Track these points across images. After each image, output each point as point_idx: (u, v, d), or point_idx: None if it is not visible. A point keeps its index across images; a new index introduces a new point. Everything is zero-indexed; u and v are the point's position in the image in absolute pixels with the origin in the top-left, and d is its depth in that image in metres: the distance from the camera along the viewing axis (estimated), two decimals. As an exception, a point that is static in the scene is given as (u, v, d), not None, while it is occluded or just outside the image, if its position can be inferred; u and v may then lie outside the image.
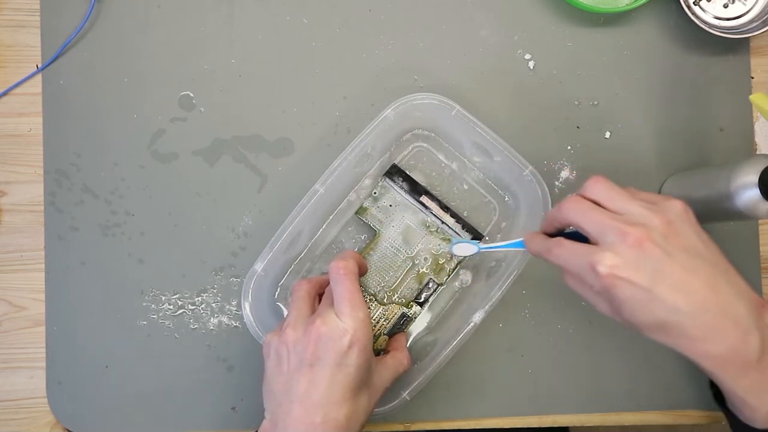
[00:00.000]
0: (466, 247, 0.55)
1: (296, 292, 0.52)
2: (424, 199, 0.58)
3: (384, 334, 0.57)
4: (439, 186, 0.59)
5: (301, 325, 0.49)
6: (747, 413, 0.45)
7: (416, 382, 0.54)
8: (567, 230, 0.47)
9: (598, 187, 0.44)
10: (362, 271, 0.52)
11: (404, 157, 0.59)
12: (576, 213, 0.44)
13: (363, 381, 0.48)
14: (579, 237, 0.45)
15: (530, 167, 0.54)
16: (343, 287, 0.49)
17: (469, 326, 0.54)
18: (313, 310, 0.51)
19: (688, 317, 0.41)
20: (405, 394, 0.54)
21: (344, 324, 0.48)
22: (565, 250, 0.44)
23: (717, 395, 0.48)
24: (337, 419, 0.46)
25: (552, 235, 0.47)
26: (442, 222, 0.58)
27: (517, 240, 0.50)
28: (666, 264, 0.41)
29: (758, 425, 0.45)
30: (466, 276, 0.59)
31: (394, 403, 0.54)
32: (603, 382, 0.60)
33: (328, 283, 0.51)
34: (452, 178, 0.59)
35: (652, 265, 0.41)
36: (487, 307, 0.54)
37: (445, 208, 0.58)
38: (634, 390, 0.60)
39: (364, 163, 0.57)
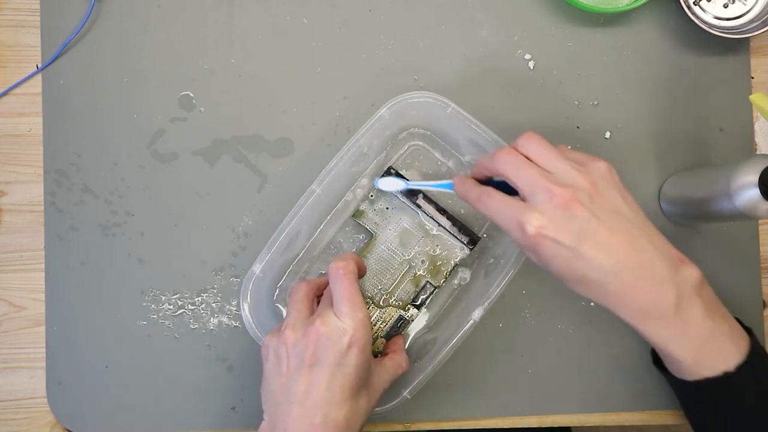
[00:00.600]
0: (392, 182, 0.56)
1: (295, 294, 0.52)
2: (420, 201, 0.58)
3: (381, 337, 0.57)
4: (437, 185, 0.59)
5: (300, 326, 0.49)
6: (675, 367, 0.47)
7: (416, 381, 0.54)
8: (495, 179, 0.49)
9: (531, 143, 0.46)
10: (361, 273, 0.52)
11: (400, 155, 0.59)
12: (508, 166, 0.45)
13: (362, 382, 0.48)
14: (507, 187, 0.46)
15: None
16: (343, 287, 0.49)
17: (469, 324, 0.54)
18: (312, 312, 0.51)
19: (610, 275, 0.43)
20: (405, 393, 0.54)
21: (344, 324, 0.47)
22: (495, 202, 0.46)
23: (656, 360, 0.51)
24: (337, 420, 0.46)
25: (482, 183, 0.49)
26: (439, 224, 0.58)
27: (447, 181, 0.52)
28: (591, 224, 0.43)
29: (688, 377, 0.47)
30: (464, 273, 0.59)
31: (395, 402, 0.54)
32: (603, 382, 0.60)
33: (327, 285, 0.51)
34: (449, 176, 0.59)
35: (577, 225, 0.43)
36: (486, 304, 0.54)
37: (442, 210, 0.58)
38: (633, 390, 0.60)
39: (360, 162, 0.57)
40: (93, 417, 0.58)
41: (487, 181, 0.49)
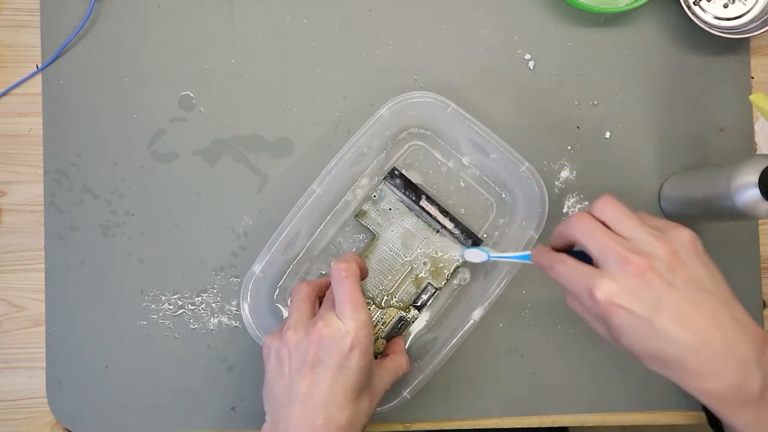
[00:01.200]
0: (476, 254, 0.55)
1: (296, 295, 0.52)
2: (423, 203, 0.58)
3: (381, 338, 0.57)
4: (436, 184, 0.59)
5: (302, 327, 0.49)
6: None
7: (417, 381, 0.54)
8: (575, 249, 0.46)
9: (608, 208, 0.43)
10: (363, 275, 0.52)
11: (400, 155, 0.59)
12: (582, 232, 0.43)
13: (364, 383, 0.48)
14: (587, 256, 0.44)
15: (527, 164, 0.55)
16: (345, 288, 0.49)
17: (469, 324, 0.54)
18: (314, 313, 0.51)
19: (689, 351, 0.40)
20: (406, 393, 0.54)
21: (346, 326, 0.47)
22: (566, 269, 0.44)
23: (711, 419, 0.48)
24: (339, 421, 0.46)
25: (560, 251, 0.46)
26: (442, 226, 0.58)
27: (525, 253, 0.50)
28: (668, 295, 0.40)
29: None
30: (464, 274, 0.59)
31: (395, 402, 0.54)
32: (603, 382, 0.60)
33: (328, 286, 0.51)
34: (449, 176, 0.59)
35: (653, 295, 0.40)
36: (486, 304, 0.54)
37: (444, 212, 0.58)
38: (634, 390, 0.60)
39: (360, 162, 0.57)
40: (93, 417, 0.58)
41: (567, 251, 0.47)
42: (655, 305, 0.40)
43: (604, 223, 0.43)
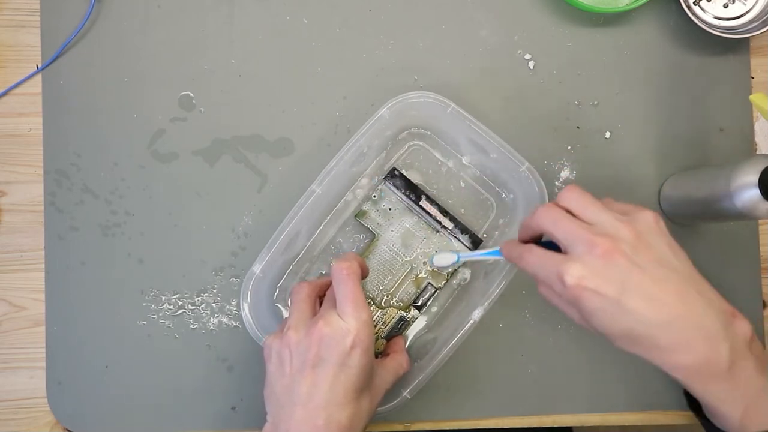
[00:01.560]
0: (445, 257, 0.56)
1: (297, 294, 0.52)
2: (423, 203, 0.58)
3: (382, 338, 0.57)
4: (436, 184, 0.59)
5: (302, 326, 0.49)
6: (720, 421, 0.45)
7: (417, 381, 0.54)
8: (543, 239, 0.48)
9: (571, 196, 0.45)
10: (364, 274, 0.52)
11: (400, 155, 0.59)
12: (547, 221, 0.44)
13: (365, 382, 0.48)
14: (554, 246, 0.45)
15: (526, 163, 0.55)
16: (347, 287, 0.49)
17: (469, 324, 0.54)
18: (314, 312, 0.51)
19: (658, 328, 0.41)
20: (406, 393, 0.54)
21: (347, 325, 0.47)
22: (535, 258, 0.45)
23: (691, 403, 0.48)
24: (340, 421, 0.46)
25: (528, 243, 0.48)
26: (442, 226, 0.58)
27: (495, 249, 0.51)
28: (634, 275, 0.41)
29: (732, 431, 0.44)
30: (464, 273, 0.59)
31: (395, 402, 0.54)
32: (603, 382, 0.60)
33: (329, 286, 0.51)
34: (449, 176, 0.59)
35: (620, 275, 0.41)
36: (486, 304, 0.54)
37: (445, 212, 0.58)
38: (634, 390, 0.60)
39: (360, 162, 0.57)
40: (93, 417, 0.58)
41: (535, 242, 0.48)
42: (623, 285, 0.41)
43: (569, 212, 0.44)
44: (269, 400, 0.49)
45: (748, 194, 0.49)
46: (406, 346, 0.58)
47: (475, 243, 0.58)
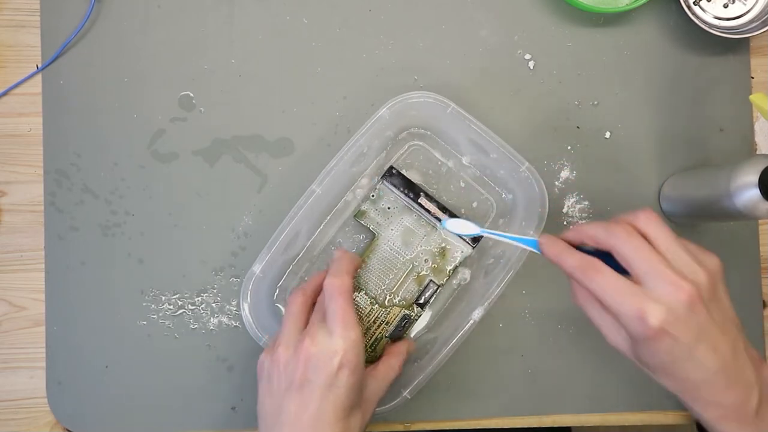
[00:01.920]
0: (463, 225, 0.50)
1: (291, 305, 0.51)
2: (422, 200, 0.58)
3: (386, 337, 0.57)
4: (436, 184, 0.59)
5: (292, 343, 0.49)
6: None
7: (417, 381, 0.54)
8: (586, 246, 0.45)
9: (653, 225, 0.43)
10: (356, 267, 0.52)
11: (400, 155, 0.59)
12: (627, 245, 0.42)
13: (354, 401, 0.48)
14: (601, 256, 0.43)
15: (526, 164, 0.55)
16: (337, 305, 0.48)
17: (469, 324, 0.54)
18: (307, 323, 0.50)
19: (713, 375, 0.42)
20: (406, 393, 0.54)
21: (334, 345, 0.47)
22: (608, 281, 0.42)
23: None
24: None
25: (574, 246, 0.46)
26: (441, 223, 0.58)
27: (530, 237, 0.47)
28: (709, 325, 0.41)
29: None
30: (464, 274, 0.59)
31: (395, 402, 0.54)
32: (603, 382, 0.60)
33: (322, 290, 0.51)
34: (449, 176, 0.59)
35: (697, 324, 0.41)
36: (486, 304, 0.54)
37: (444, 209, 0.58)
38: (634, 390, 0.60)
39: (360, 162, 0.57)
40: (93, 417, 0.58)
41: (577, 248, 0.45)
42: (698, 334, 0.41)
43: (646, 239, 0.43)
44: (260, 418, 0.49)
45: (748, 194, 0.48)
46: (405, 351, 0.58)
47: (475, 239, 0.58)
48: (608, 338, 0.45)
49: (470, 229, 0.50)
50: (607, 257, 0.43)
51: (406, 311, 0.58)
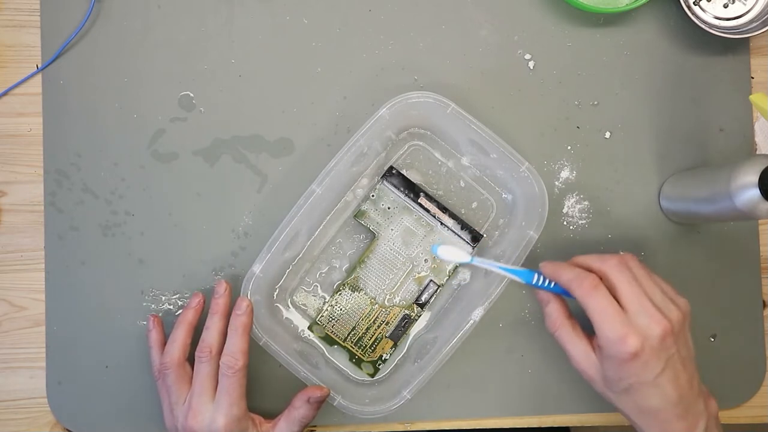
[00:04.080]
0: (453, 252, 0.50)
1: (166, 378, 0.53)
2: (422, 200, 0.58)
3: (386, 337, 0.57)
4: (436, 184, 0.59)
5: (180, 413, 0.52)
6: None
7: (417, 381, 0.54)
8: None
9: (635, 264, 0.49)
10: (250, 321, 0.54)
11: (400, 155, 0.59)
12: (622, 277, 0.48)
13: None
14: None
15: (526, 164, 0.55)
16: (228, 383, 0.51)
17: (469, 324, 0.54)
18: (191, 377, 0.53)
19: (670, 405, 0.47)
20: (405, 393, 0.54)
21: (215, 424, 0.51)
22: (602, 301, 0.47)
23: None
24: None
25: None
26: (441, 223, 0.58)
27: (523, 269, 0.50)
28: (674, 358, 0.47)
29: None
30: (464, 274, 0.59)
31: (395, 402, 0.54)
32: (603, 382, 0.60)
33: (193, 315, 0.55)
34: (449, 176, 0.59)
35: (666, 356, 0.46)
36: (486, 304, 0.54)
37: (444, 209, 0.58)
38: (634, 390, 0.60)
39: (360, 162, 0.57)
40: (93, 417, 0.58)
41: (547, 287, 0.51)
42: (664, 365, 0.46)
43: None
44: None
45: (748, 194, 0.48)
46: (407, 346, 0.58)
47: (475, 239, 0.58)
48: (576, 361, 0.50)
49: (460, 257, 0.50)
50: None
51: (406, 311, 0.58)
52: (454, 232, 0.58)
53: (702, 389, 0.49)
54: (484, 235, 0.58)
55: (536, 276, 0.50)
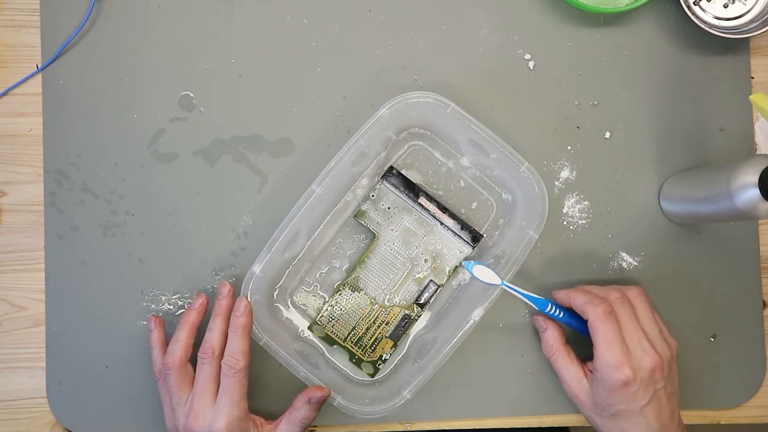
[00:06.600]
0: (487, 274, 0.53)
1: (168, 378, 0.53)
2: (422, 200, 0.58)
3: (386, 337, 0.57)
4: (436, 184, 0.59)
5: (182, 414, 0.52)
6: None
7: (417, 381, 0.54)
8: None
9: (641, 301, 0.54)
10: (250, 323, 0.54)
11: (400, 155, 0.59)
12: (623, 311, 0.52)
13: None
14: (569, 318, 0.56)
15: (526, 164, 0.55)
16: (230, 382, 0.52)
17: (469, 324, 0.54)
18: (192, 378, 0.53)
19: None
20: (405, 393, 0.54)
21: (216, 423, 0.51)
22: (612, 329, 0.51)
23: None
24: None
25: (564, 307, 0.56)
26: (441, 223, 0.58)
27: (541, 297, 0.55)
28: (660, 392, 0.51)
29: None
30: (464, 274, 0.59)
31: (395, 402, 0.54)
32: (603, 382, 0.60)
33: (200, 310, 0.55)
34: (449, 176, 0.59)
35: (653, 388, 0.51)
36: (486, 304, 0.54)
37: (444, 209, 0.58)
38: (634, 390, 0.60)
39: (360, 162, 0.57)
40: (93, 417, 0.58)
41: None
42: (651, 396, 0.51)
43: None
44: None
45: (748, 194, 0.48)
46: (406, 346, 0.58)
47: (475, 239, 0.58)
48: (569, 385, 0.54)
49: (492, 279, 0.54)
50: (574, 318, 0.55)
51: (406, 311, 0.58)
52: (454, 232, 0.58)
53: (681, 423, 0.53)
54: (484, 235, 0.58)
55: (550, 305, 0.55)
